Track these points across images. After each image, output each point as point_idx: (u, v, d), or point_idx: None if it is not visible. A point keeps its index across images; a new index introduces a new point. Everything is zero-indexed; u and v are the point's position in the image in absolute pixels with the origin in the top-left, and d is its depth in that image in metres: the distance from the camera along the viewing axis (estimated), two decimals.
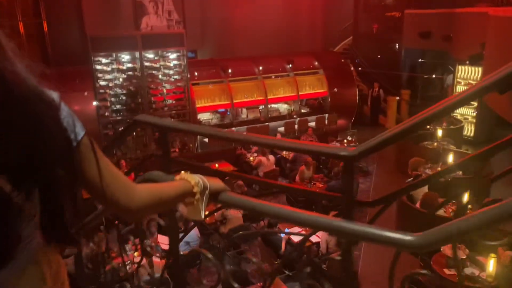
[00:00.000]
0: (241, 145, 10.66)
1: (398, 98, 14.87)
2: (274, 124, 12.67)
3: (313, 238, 6.73)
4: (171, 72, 10.05)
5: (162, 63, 9.94)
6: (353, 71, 13.92)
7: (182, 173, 1.25)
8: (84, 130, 0.93)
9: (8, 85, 0.77)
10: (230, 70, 12.26)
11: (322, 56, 14.21)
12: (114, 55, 9.52)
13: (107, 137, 9.61)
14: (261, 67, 12.79)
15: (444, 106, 1.30)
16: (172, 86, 10.16)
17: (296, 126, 12.65)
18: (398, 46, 15.59)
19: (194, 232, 6.63)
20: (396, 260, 1.44)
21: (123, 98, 9.70)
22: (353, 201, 1.44)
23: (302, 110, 13.33)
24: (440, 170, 7.68)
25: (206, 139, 11.44)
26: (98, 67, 9.30)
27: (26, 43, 11.61)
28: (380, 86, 14.89)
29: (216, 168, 10.05)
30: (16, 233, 0.79)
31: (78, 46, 12.01)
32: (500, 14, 6.85)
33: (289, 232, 6.64)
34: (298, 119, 12.77)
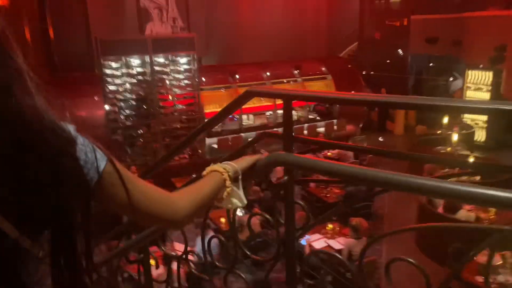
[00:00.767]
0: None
1: None
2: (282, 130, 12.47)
3: (335, 245, 6.52)
4: (181, 76, 9.89)
5: (172, 68, 9.77)
6: (360, 77, 13.80)
7: (210, 166, 1.21)
8: (106, 158, 0.87)
9: (26, 122, 0.72)
10: (237, 76, 12.12)
11: (330, 61, 14.12)
12: (124, 59, 9.35)
13: (117, 143, 9.41)
14: (268, 73, 12.66)
15: None
16: (182, 91, 9.98)
17: (305, 132, 12.48)
18: (404, 52, 15.51)
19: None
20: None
21: (133, 103, 9.51)
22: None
23: (310, 116, 13.17)
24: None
25: (216, 145, 11.25)
26: (108, 72, 9.12)
27: (32, 49, 11.42)
28: (387, 92, 14.77)
29: None
30: (23, 282, 0.73)
31: (84, 52, 11.84)
32: None
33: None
34: (307, 125, 12.60)
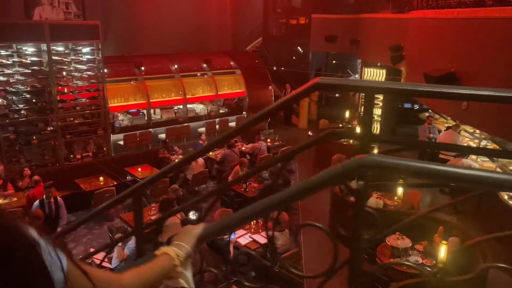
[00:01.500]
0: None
1: (308, 99, 15.47)
2: (194, 124, 12.21)
3: (259, 239, 6.56)
4: (84, 67, 9.02)
5: (73, 57, 8.85)
6: (267, 72, 14.08)
7: (162, 248, 1.25)
8: (63, 254, 0.89)
9: None
10: (143, 68, 11.48)
11: (238, 55, 14.16)
12: (15, 47, 8.21)
13: (8, 140, 8.24)
14: (176, 65, 12.24)
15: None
16: (84, 83, 9.11)
17: (217, 126, 12.36)
18: (306, 49, 16.22)
19: (132, 242, 5.96)
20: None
21: (27, 97, 8.41)
22: None
23: (221, 110, 13.09)
24: None
25: (122, 142, 10.55)
26: None
27: None
28: (291, 87, 15.33)
29: (139, 172, 9.33)
30: None
31: None
32: (420, 16, 7.48)
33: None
34: (218, 119, 12.49)
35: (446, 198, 9.10)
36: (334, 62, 16.85)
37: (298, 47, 16.62)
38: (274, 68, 14.44)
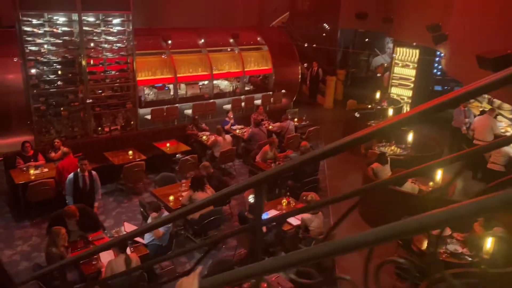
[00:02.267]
0: None
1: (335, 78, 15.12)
2: (219, 101, 12.04)
3: (292, 221, 6.46)
4: (114, 39, 8.86)
5: (103, 28, 8.69)
6: (295, 49, 13.72)
7: None
8: None
9: None
10: (170, 42, 11.27)
11: (265, 31, 13.81)
12: (47, 16, 8.08)
13: (38, 111, 8.22)
14: (203, 40, 11.99)
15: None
16: (114, 55, 8.98)
17: (242, 104, 12.17)
18: (334, 26, 15.74)
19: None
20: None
21: (57, 67, 8.33)
22: None
23: (246, 88, 12.86)
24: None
25: (148, 116, 10.47)
26: (27, 29, 7.82)
27: None
28: (318, 66, 14.98)
29: (167, 147, 9.27)
30: None
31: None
32: None
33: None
34: (244, 97, 12.29)
35: (480, 185, 8.85)
36: (366, 40, 16.34)
37: (326, 24, 16.15)
38: (306, 44, 14.06)
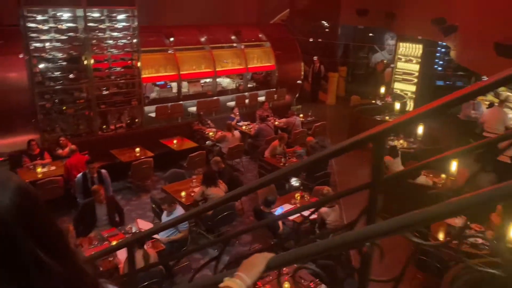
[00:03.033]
0: None
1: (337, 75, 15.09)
2: (222, 98, 11.95)
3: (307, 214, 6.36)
4: (119, 35, 8.74)
5: (108, 24, 8.56)
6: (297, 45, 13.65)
7: (225, 279, 1.28)
8: None
9: None
10: (172, 39, 11.15)
11: (267, 28, 13.73)
12: (51, 12, 7.94)
13: (44, 109, 8.07)
14: (206, 37, 11.88)
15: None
16: (119, 51, 8.85)
17: (246, 101, 12.09)
18: (334, 23, 15.70)
19: (180, 213, 5.82)
20: None
21: (62, 64, 8.19)
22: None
23: (249, 85, 12.78)
24: None
25: (153, 114, 10.35)
26: (32, 25, 7.67)
27: None
28: (320, 62, 14.92)
29: (174, 144, 9.16)
30: None
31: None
32: None
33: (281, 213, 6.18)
34: (248, 94, 12.20)
35: (490, 177, 8.81)
36: (370, 35, 16.29)
37: (326, 21, 16.10)
38: (311, 39, 13.98)
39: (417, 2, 11.14)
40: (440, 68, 14.38)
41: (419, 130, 8.67)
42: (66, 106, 8.33)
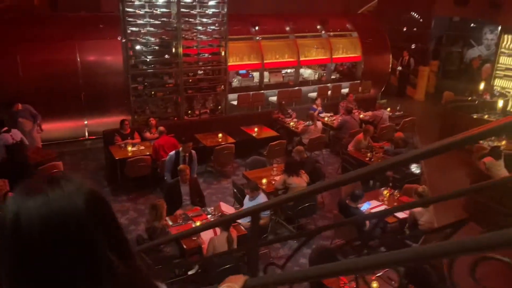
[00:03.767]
0: None
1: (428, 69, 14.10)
2: (304, 89, 11.70)
3: (399, 214, 5.95)
4: (209, 21, 8.85)
5: (199, 10, 8.70)
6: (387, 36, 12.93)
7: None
8: None
9: None
10: (257, 28, 11.10)
11: (355, 18, 13.19)
12: None
13: (136, 91, 8.44)
14: (291, 26, 11.67)
15: None
16: (208, 38, 8.97)
17: (329, 92, 11.72)
18: (427, 14, 14.65)
19: (263, 200, 5.73)
20: None
21: (155, 48, 8.48)
22: None
23: (332, 76, 12.37)
24: None
25: (235, 102, 10.42)
26: (129, 10, 8.02)
27: None
28: (410, 55, 14.02)
29: (255, 132, 9.11)
30: None
31: None
32: None
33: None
34: (331, 85, 11.83)
35: None
36: (472, 25, 15.01)
37: (418, 13, 15.08)
38: (405, 28, 13.18)
39: None
40: None
41: None
42: (156, 90, 8.63)
